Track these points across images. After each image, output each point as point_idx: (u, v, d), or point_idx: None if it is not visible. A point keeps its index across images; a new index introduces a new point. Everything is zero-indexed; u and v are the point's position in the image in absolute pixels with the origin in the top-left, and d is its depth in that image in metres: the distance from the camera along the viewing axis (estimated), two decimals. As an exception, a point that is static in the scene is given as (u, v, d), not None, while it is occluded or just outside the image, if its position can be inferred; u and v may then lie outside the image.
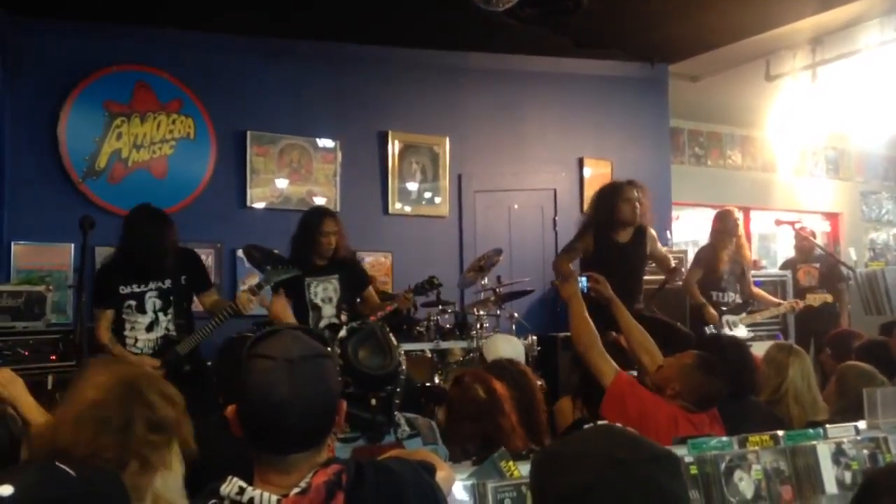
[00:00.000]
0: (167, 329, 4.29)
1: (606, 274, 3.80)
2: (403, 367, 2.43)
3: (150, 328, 4.30)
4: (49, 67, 5.76)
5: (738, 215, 6.33)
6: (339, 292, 4.77)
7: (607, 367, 3.15)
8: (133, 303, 4.24)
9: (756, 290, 6.37)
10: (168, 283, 4.30)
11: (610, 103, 7.47)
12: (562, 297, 3.61)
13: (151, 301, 4.28)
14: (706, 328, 5.70)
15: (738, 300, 6.12)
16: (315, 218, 4.79)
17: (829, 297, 6.70)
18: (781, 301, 6.54)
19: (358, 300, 4.97)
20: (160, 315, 4.28)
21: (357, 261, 5.02)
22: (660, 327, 5.23)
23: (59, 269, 5.65)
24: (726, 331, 5.75)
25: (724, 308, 6.00)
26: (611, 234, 5.17)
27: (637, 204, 5.15)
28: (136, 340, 4.26)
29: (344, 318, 4.75)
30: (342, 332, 2.43)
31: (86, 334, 4.16)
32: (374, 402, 2.31)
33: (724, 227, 6.08)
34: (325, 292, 4.74)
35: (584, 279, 3.80)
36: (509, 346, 4.93)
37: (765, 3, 5.92)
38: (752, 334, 6.03)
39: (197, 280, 4.45)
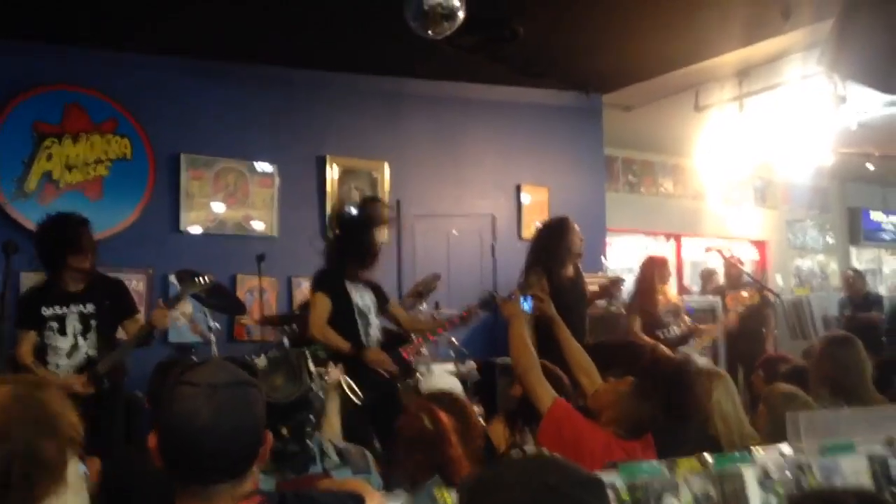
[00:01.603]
0: (88, 354, 4.22)
1: (561, 309, 3.81)
2: (319, 394, 2.40)
3: (70, 353, 4.22)
4: (-26, 87, 5.60)
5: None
6: (375, 305, 4.55)
7: (545, 392, 3.14)
8: (55, 324, 4.19)
9: (689, 323, 6.51)
10: (90, 307, 4.23)
11: (547, 131, 7.60)
12: (503, 315, 3.59)
13: (72, 324, 4.21)
14: None
15: (683, 331, 6.21)
16: (375, 212, 4.56)
17: (755, 296, 6.75)
18: (709, 328, 6.67)
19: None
20: (80, 339, 4.21)
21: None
22: (617, 349, 5.35)
23: (-19, 294, 5.46)
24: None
25: (674, 341, 6.09)
26: (561, 269, 5.20)
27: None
28: (58, 366, 4.19)
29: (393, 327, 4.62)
30: (261, 361, 2.40)
31: (7, 361, 4.06)
32: (284, 431, 2.28)
33: (661, 274, 6.23)
34: (363, 300, 4.47)
35: (528, 299, 3.76)
36: (444, 381, 4.92)
37: (693, 36, 6.12)
38: (704, 359, 6.05)
39: (121, 306, 4.37)
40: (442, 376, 5.10)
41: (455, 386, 4.87)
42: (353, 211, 4.68)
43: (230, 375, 1.60)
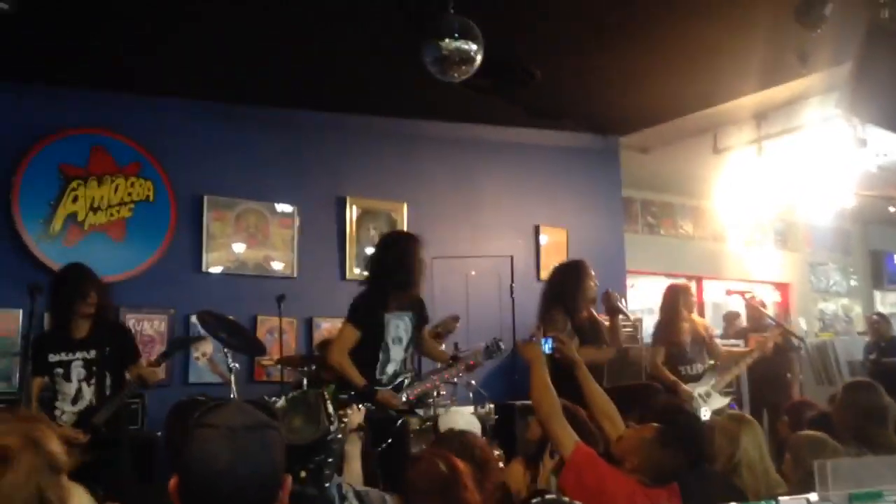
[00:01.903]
0: (90, 401, 4.28)
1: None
2: (339, 437, 2.37)
3: (75, 400, 4.29)
4: (3, 130, 5.69)
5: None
6: (409, 332, 4.47)
7: (567, 437, 3.09)
8: (60, 370, 4.27)
9: (726, 349, 6.31)
10: (93, 353, 4.30)
11: (564, 173, 7.63)
12: (524, 358, 3.51)
13: (77, 370, 4.28)
14: None
15: (707, 368, 6.00)
16: (409, 243, 4.50)
17: (778, 335, 6.46)
18: (749, 349, 6.36)
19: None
20: (83, 385, 4.27)
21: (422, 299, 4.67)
22: (632, 392, 5.28)
23: (6, 336, 5.49)
24: (701, 406, 5.66)
25: (696, 379, 5.94)
26: (577, 313, 5.15)
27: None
28: (63, 412, 4.26)
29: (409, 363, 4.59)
30: (281, 402, 2.39)
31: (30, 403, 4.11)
32: (303, 474, 2.25)
33: (686, 301, 6.03)
34: (396, 330, 4.40)
35: (548, 340, 3.72)
36: (463, 420, 4.89)
37: (710, 79, 6.15)
38: (727, 399, 5.90)
39: (123, 352, 4.41)
40: (461, 416, 5.07)
41: (473, 425, 4.83)
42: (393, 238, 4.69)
43: (250, 418, 1.59)
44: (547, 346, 3.64)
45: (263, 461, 1.56)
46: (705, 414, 5.43)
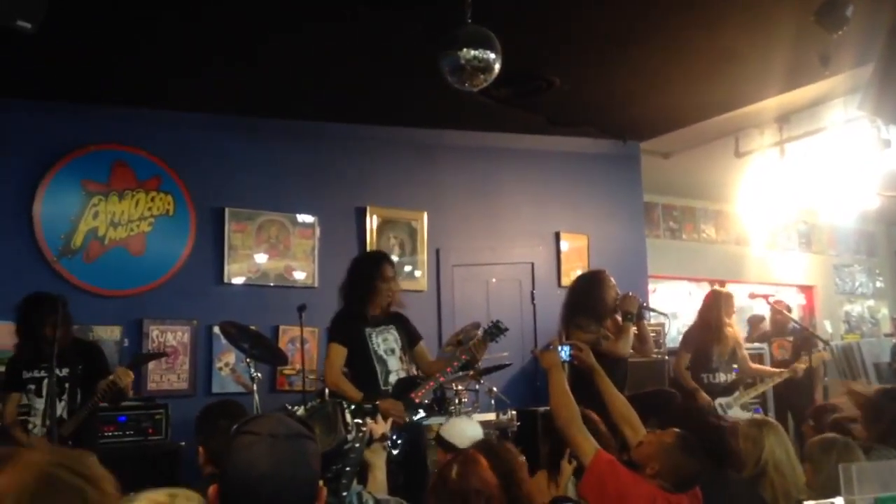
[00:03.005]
0: (62, 416, 4.37)
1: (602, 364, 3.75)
2: (356, 446, 2.38)
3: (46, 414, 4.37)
4: (26, 146, 5.77)
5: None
6: (399, 341, 4.57)
7: (587, 444, 3.09)
8: (33, 387, 4.41)
9: (755, 366, 6.27)
10: (65, 371, 4.41)
11: (584, 179, 7.61)
12: (542, 366, 3.53)
13: (49, 387, 4.36)
14: None
15: (730, 380, 5.98)
16: (374, 263, 4.62)
17: (814, 360, 6.50)
18: (779, 370, 6.39)
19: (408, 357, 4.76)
20: (55, 401, 4.32)
21: (404, 315, 4.78)
22: (648, 398, 5.24)
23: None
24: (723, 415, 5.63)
25: (717, 389, 5.88)
26: (603, 321, 5.10)
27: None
28: (35, 426, 4.38)
29: (415, 370, 4.62)
30: (300, 411, 2.41)
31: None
32: (321, 482, 2.26)
33: (727, 308, 5.98)
34: (386, 343, 4.52)
35: (566, 348, 3.72)
36: (469, 428, 4.80)
37: (732, 82, 6.11)
38: (748, 413, 5.83)
39: (94, 370, 4.48)
40: (465, 423, 4.96)
41: (478, 434, 4.73)
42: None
43: (290, 428, 1.66)
44: (564, 353, 3.64)
45: (302, 469, 1.62)
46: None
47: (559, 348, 3.62)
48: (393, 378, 4.49)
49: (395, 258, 6.80)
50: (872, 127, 6.39)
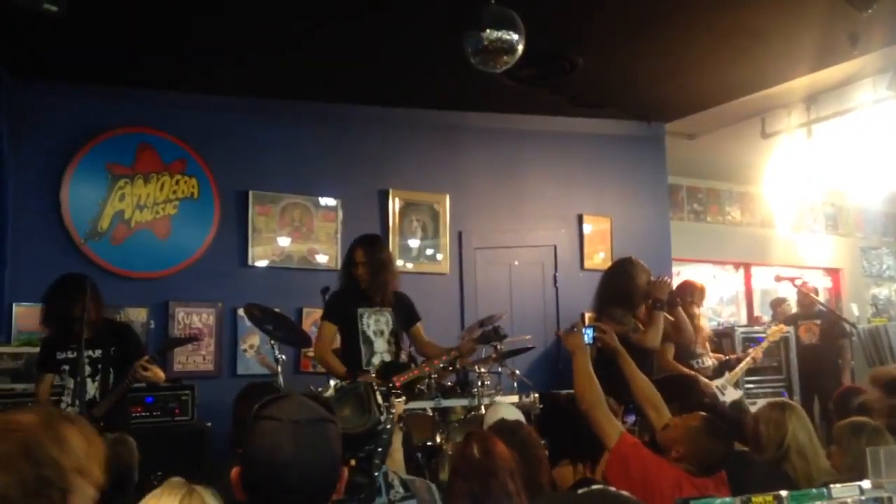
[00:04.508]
0: (94, 397, 4.41)
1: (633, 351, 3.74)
2: (388, 427, 2.40)
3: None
4: (53, 130, 5.84)
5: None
6: (391, 325, 4.68)
7: (612, 427, 3.09)
8: (66, 367, 4.43)
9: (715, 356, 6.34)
10: (98, 352, 4.44)
11: (608, 161, 7.55)
12: (565, 347, 3.52)
13: (78, 367, 4.38)
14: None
15: (715, 363, 6.09)
16: (352, 248, 4.75)
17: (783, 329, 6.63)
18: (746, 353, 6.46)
19: (406, 339, 4.86)
20: (88, 381, 4.36)
21: (406, 295, 4.88)
22: (671, 384, 5.22)
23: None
24: (719, 398, 5.69)
25: (706, 374, 5.92)
26: (636, 309, 5.04)
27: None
28: (67, 406, 4.39)
29: (404, 356, 4.73)
30: (330, 391, 2.42)
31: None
32: (352, 462, 2.28)
33: (692, 299, 6.05)
34: (377, 324, 4.64)
35: (589, 330, 3.69)
36: (510, 413, 4.83)
37: (759, 62, 6.02)
38: (740, 392, 6.02)
39: (126, 352, 4.50)
40: (506, 408, 5.02)
41: (518, 417, 4.78)
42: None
43: (311, 411, 1.65)
44: (588, 336, 3.62)
45: (324, 453, 1.62)
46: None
47: (583, 330, 3.59)
48: (377, 360, 4.59)
49: (416, 241, 6.84)
50: (902, 107, 6.29)
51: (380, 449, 2.35)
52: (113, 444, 3.04)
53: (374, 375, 4.36)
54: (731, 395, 5.78)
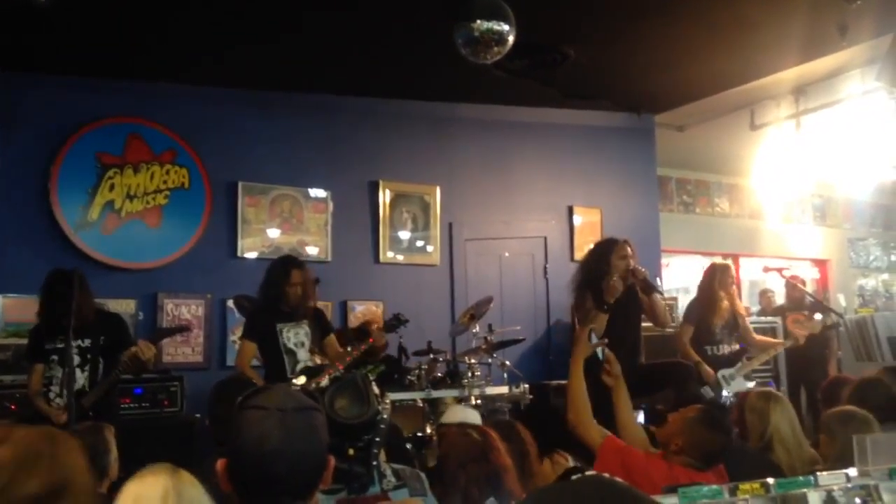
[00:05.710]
0: (83, 386, 4.40)
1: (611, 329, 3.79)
2: (385, 417, 2.41)
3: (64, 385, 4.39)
4: (41, 120, 5.80)
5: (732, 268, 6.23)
6: (310, 336, 4.85)
7: (596, 434, 3.18)
8: (55, 357, 4.42)
9: (758, 337, 6.24)
10: (88, 342, 4.45)
11: (598, 152, 7.57)
12: (573, 345, 3.64)
13: (65, 358, 4.37)
14: (703, 389, 5.59)
15: (733, 351, 5.98)
16: (282, 269, 4.85)
17: (819, 323, 6.30)
18: (780, 340, 6.29)
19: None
20: (77, 371, 4.36)
21: (321, 309, 5.15)
22: (665, 369, 5.25)
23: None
24: (724, 387, 5.62)
25: (721, 361, 5.87)
26: (605, 295, 5.07)
27: (630, 261, 5.12)
28: (56, 395, 4.41)
29: (318, 360, 4.85)
30: (324, 381, 2.43)
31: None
32: (351, 451, 2.29)
33: (722, 280, 5.97)
34: (297, 337, 4.81)
35: (602, 351, 3.78)
36: (468, 414, 4.80)
37: (748, 54, 6.04)
38: (751, 384, 5.78)
39: (116, 342, 4.50)
40: (464, 411, 4.95)
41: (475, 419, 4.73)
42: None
43: (297, 400, 1.64)
44: (599, 352, 3.72)
45: (312, 441, 1.61)
46: (726, 395, 5.43)
47: (598, 350, 3.69)
48: (300, 367, 4.73)
49: (407, 233, 6.84)
50: (890, 99, 6.33)
51: (377, 439, 2.36)
52: (87, 433, 3.06)
53: (302, 380, 4.46)
54: (736, 386, 5.62)
